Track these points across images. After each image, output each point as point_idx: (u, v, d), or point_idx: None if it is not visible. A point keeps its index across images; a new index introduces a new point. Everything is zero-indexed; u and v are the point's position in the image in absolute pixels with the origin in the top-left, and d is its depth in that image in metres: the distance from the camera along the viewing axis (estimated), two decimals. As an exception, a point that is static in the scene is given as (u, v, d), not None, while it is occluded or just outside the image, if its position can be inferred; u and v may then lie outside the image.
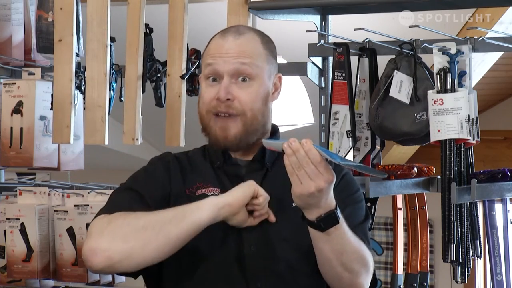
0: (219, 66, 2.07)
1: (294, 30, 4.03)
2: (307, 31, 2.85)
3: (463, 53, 2.66)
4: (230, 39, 2.09)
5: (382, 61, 2.80)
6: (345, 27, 2.91)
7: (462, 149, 2.67)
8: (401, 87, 2.73)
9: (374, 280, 2.07)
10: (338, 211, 1.93)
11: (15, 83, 3.03)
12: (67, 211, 2.98)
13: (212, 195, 2.05)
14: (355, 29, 2.73)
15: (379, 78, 2.78)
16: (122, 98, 2.88)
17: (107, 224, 1.99)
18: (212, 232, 2.01)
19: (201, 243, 2.02)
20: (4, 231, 3.05)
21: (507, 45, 2.70)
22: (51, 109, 2.92)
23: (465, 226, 2.68)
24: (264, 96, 2.11)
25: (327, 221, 1.92)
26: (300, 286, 2.04)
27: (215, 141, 2.09)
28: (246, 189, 2.00)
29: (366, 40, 2.82)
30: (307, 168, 1.88)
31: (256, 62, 2.09)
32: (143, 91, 2.86)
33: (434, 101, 2.65)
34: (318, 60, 2.90)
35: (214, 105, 2.07)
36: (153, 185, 2.09)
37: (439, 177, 2.72)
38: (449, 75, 2.65)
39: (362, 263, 1.99)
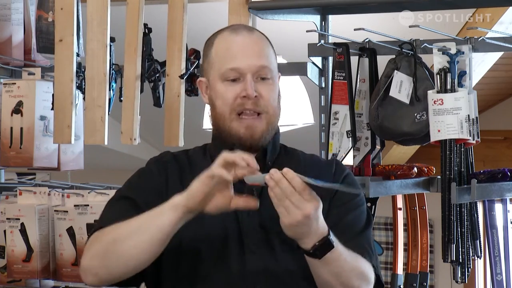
0: (242, 66, 2.04)
1: (294, 30, 4.03)
2: (307, 31, 2.85)
3: (463, 53, 2.66)
4: (245, 34, 2.07)
5: (382, 61, 2.80)
6: (345, 27, 2.91)
7: (462, 149, 2.67)
8: (401, 87, 2.73)
9: (381, 285, 2.06)
10: (332, 236, 1.91)
11: (15, 83, 3.03)
12: (67, 211, 2.98)
13: None
14: (355, 29, 2.73)
15: (379, 78, 2.78)
16: (121, 98, 2.88)
17: (92, 242, 2.00)
18: (213, 234, 2.01)
19: (202, 245, 2.01)
20: (4, 231, 3.05)
21: (507, 45, 2.70)
22: (52, 109, 2.92)
23: (465, 226, 2.68)
24: (278, 94, 2.11)
25: (323, 249, 1.90)
26: None
27: (239, 140, 2.05)
28: (202, 177, 1.91)
29: (366, 40, 2.82)
30: (292, 197, 1.85)
31: (271, 62, 2.09)
32: (142, 91, 2.86)
33: (434, 101, 2.65)
34: (318, 60, 2.90)
35: (239, 103, 2.04)
36: (148, 189, 2.08)
37: (439, 177, 2.72)
38: (449, 75, 2.65)
39: (362, 278, 1.98)
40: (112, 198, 2.13)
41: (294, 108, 3.99)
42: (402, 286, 2.89)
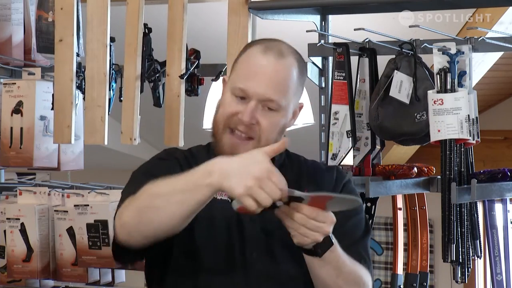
0: (250, 90, 2.01)
1: (294, 30, 4.02)
2: (307, 31, 2.85)
3: (463, 53, 2.66)
4: (271, 59, 2.02)
5: (382, 61, 2.80)
6: (345, 27, 2.91)
7: (462, 149, 2.67)
8: (401, 87, 2.73)
9: None
10: (331, 234, 1.91)
11: (15, 83, 3.03)
12: (67, 211, 2.98)
13: (221, 198, 2.02)
14: (355, 29, 2.73)
15: (379, 78, 2.78)
16: (121, 98, 2.88)
17: (130, 201, 1.95)
18: (218, 239, 2.01)
19: (206, 246, 2.02)
20: (4, 231, 3.05)
21: (507, 45, 2.70)
22: (52, 109, 2.92)
23: (465, 226, 2.68)
24: (282, 127, 2.08)
25: (324, 246, 1.91)
26: None
27: (223, 153, 2.02)
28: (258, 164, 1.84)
29: (366, 40, 2.82)
30: (307, 224, 1.86)
31: (286, 96, 2.04)
32: (142, 91, 2.87)
33: (434, 101, 2.65)
34: (318, 60, 2.90)
35: (235, 120, 2.02)
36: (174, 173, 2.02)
37: (439, 177, 2.72)
38: (449, 75, 2.65)
39: (359, 284, 2.00)
40: (134, 173, 2.07)
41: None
42: (402, 286, 2.89)
